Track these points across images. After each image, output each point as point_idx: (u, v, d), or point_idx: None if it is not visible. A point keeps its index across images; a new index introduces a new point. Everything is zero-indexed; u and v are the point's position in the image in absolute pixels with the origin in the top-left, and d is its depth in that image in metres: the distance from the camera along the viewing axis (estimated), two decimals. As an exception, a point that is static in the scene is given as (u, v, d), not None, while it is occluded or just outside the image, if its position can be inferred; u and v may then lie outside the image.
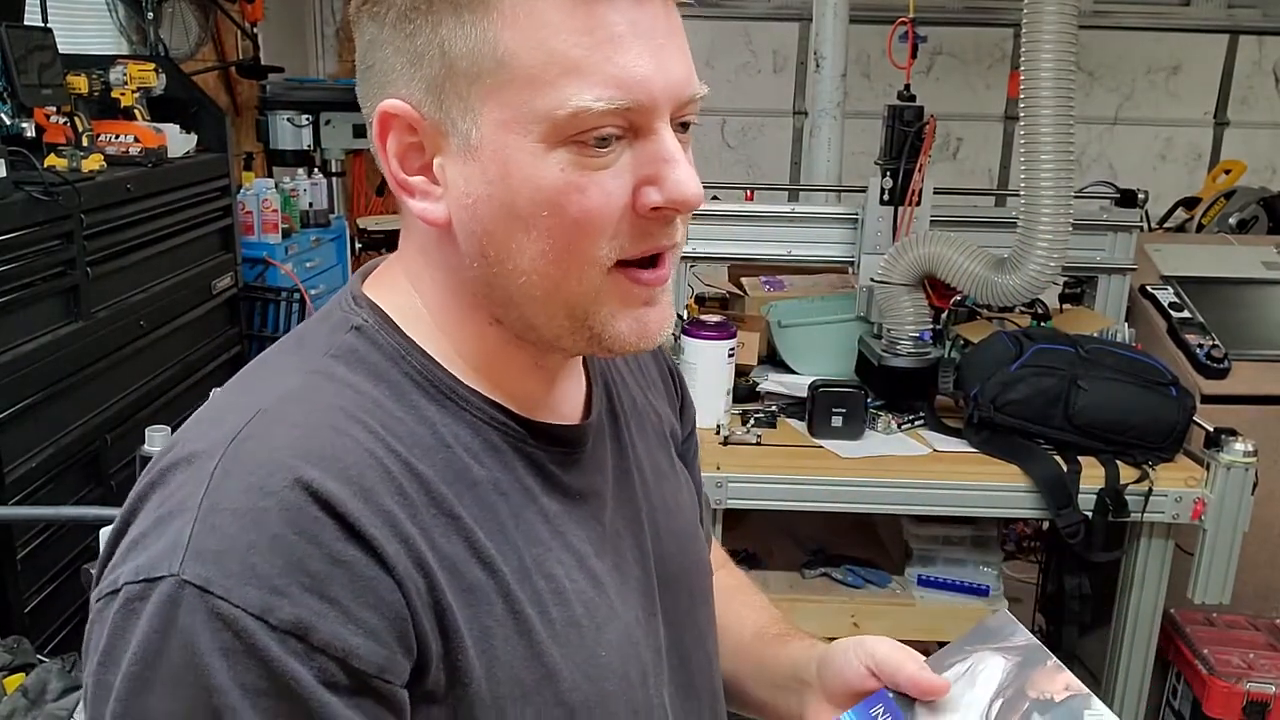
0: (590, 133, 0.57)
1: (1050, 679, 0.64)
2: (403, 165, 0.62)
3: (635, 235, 0.60)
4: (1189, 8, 4.73)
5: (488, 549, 0.60)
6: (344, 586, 0.53)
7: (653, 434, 0.81)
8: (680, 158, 0.60)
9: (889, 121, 2.31)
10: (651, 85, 0.58)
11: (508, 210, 0.59)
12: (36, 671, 1.52)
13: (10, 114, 2.25)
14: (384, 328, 0.64)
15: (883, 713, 0.68)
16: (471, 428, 0.63)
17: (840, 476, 1.98)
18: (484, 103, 0.58)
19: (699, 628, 0.79)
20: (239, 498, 0.53)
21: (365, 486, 0.56)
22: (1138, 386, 2.02)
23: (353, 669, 0.52)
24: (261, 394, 0.60)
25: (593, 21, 0.56)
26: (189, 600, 0.51)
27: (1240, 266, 2.79)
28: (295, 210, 3.63)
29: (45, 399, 2.08)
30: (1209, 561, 1.98)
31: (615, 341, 0.63)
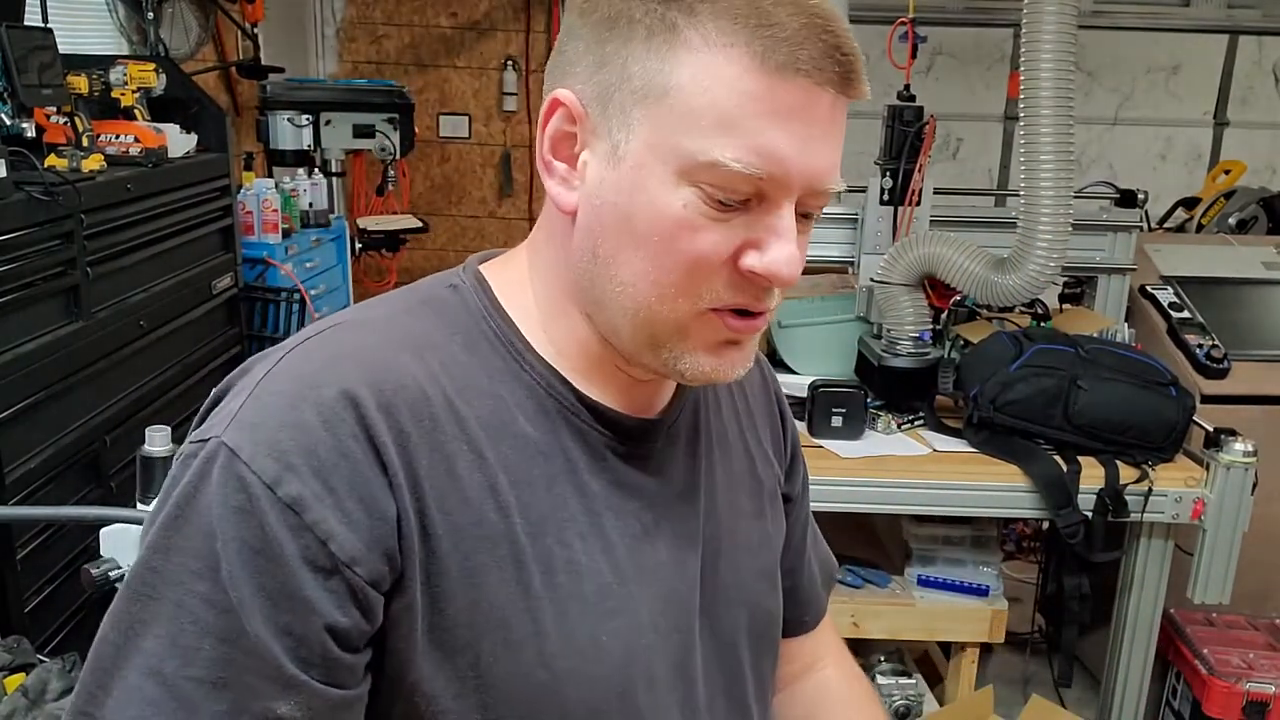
0: (721, 189, 0.61)
1: None
2: (554, 149, 0.66)
3: (732, 288, 0.64)
4: (1189, 8, 4.73)
5: (506, 495, 0.64)
6: (343, 478, 0.59)
7: (737, 467, 0.82)
8: (790, 236, 0.63)
9: (889, 121, 2.31)
10: (790, 165, 0.61)
11: (627, 222, 0.63)
12: (36, 671, 1.52)
13: (10, 114, 2.25)
14: (478, 291, 0.70)
15: None
16: (529, 390, 0.68)
17: (840, 476, 1.99)
18: (642, 122, 0.62)
19: (739, 669, 0.78)
20: (285, 383, 0.61)
21: (393, 403, 0.61)
22: (1138, 387, 2.02)
23: (329, 551, 0.58)
24: (348, 315, 0.68)
25: (765, 92, 0.59)
26: (222, 459, 0.59)
27: (1240, 266, 2.79)
28: (295, 210, 3.63)
29: (45, 399, 2.08)
30: (1209, 561, 1.98)
31: (689, 371, 0.66)
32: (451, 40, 4.95)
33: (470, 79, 4.99)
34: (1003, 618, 2.09)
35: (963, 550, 2.14)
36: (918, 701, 2.09)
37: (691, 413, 0.77)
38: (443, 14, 4.93)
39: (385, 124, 4.05)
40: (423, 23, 4.96)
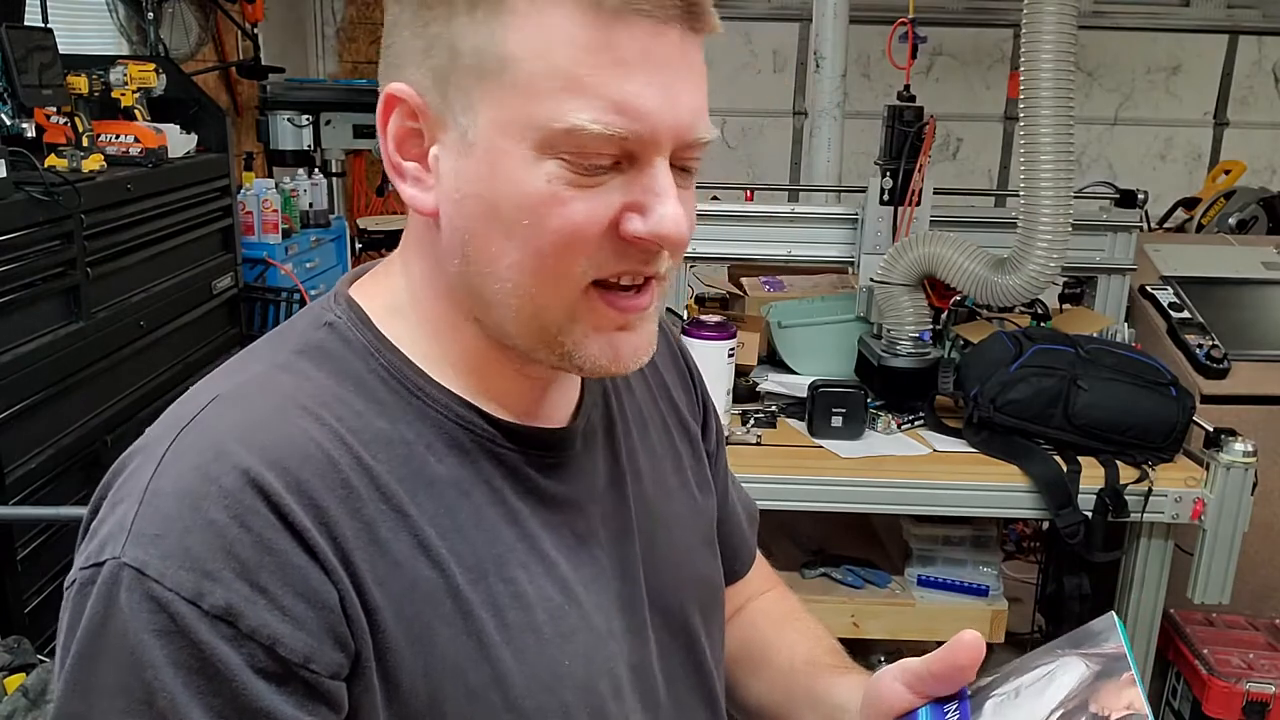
0: (584, 155, 0.56)
1: (1116, 695, 0.62)
2: (400, 149, 0.62)
3: (614, 257, 0.59)
4: (1189, 8, 4.73)
5: (437, 548, 0.60)
6: (273, 575, 0.54)
7: (658, 444, 0.79)
8: (670, 193, 0.58)
9: (889, 121, 2.31)
10: (654, 119, 0.56)
11: (491, 212, 0.58)
12: (37, 671, 1.53)
13: (10, 114, 2.25)
14: (356, 324, 0.64)
15: (954, 710, 0.67)
16: (436, 426, 0.63)
17: (840, 476, 1.99)
18: (483, 101, 0.57)
19: (695, 646, 0.77)
20: (179, 481, 0.55)
21: (301, 479, 0.56)
22: (1137, 386, 2.02)
23: (279, 656, 0.53)
24: (221, 384, 0.61)
25: (604, 41, 0.55)
26: (127, 582, 0.53)
27: (1240, 266, 2.79)
28: (295, 210, 3.63)
29: (45, 399, 2.08)
30: (1209, 561, 1.98)
31: (586, 362, 0.62)
32: (451, 40, 4.95)
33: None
34: (1003, 618, 2.09)
35: (963, 550, 2.14)
36: (918, 701, 2.09)
37: (603, 403, 0.74)
38: (443, 14, 4.94)
39: (385, 124, 4.05)
40: (423, 23, 4.97)
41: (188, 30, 3.73)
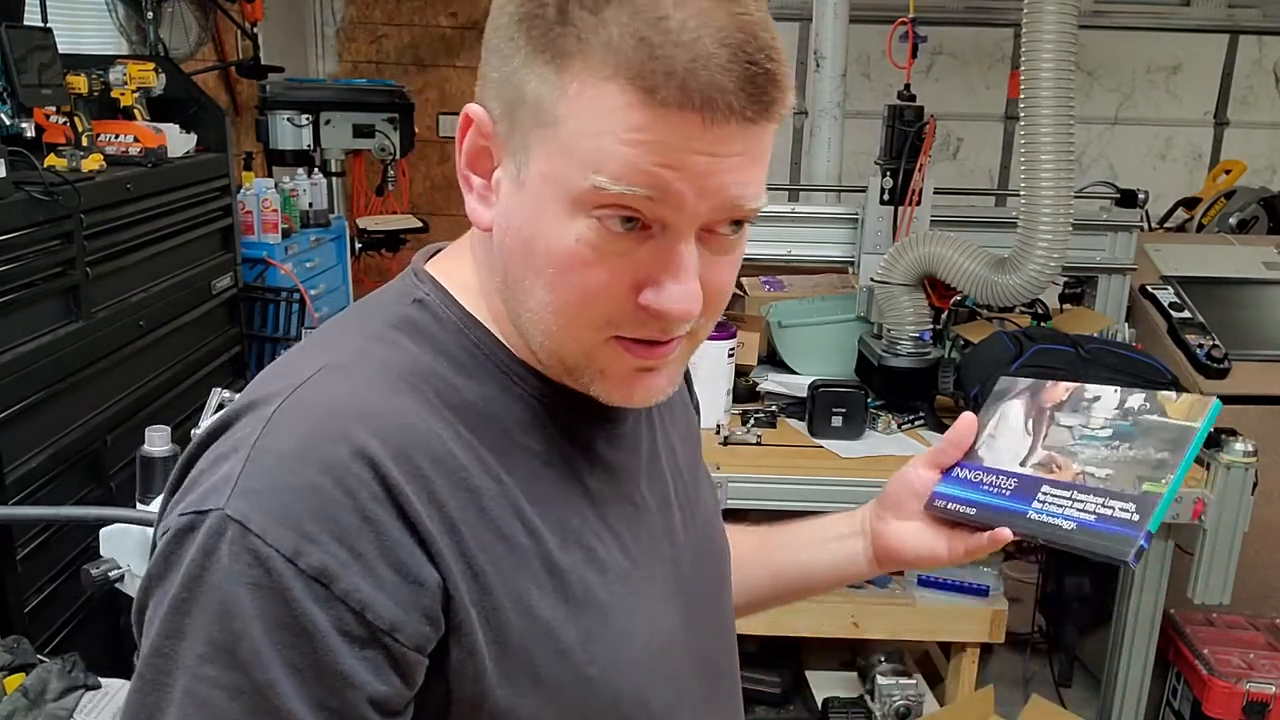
0: (610, 211, 0.57)
1: (1053, 391, 0.84)
2: (471, 164, 0.65)
3: (632, 322, 0.61)
4: (1189, 8, 4.73)
5: (531, 515, 0.63)
6: (370, 543, 0.55)
7: (680, 420, 0.84)
8: (686, 272, 0.59)
9: (889, 121, 2.31)
10: (682, 190, 0.57)
11: (527, 251, 0.61)
12: (36, 671, 1.52)
13: (10, 114, 2.25)
14: (446, 302, 0.67)
15: (962, 470, 0.84)
16: (522, 402, 0.66)
17: (840, 476, 1.99)
18: (536, 147, 0.59)
19: (722, 610, 0.82)
20: (288, 442, 0.57)
21: (409, 451, 0.58)
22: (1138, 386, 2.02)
23: (367, 622, 0.55)
24: (325, 354, 0.63)
25: (647, 125, 0.55)
26: (231, 534, 0.54)
27: (1240, 266, 2.79)
28: (295, 210, 3.63)
29: (45, 399, 2.08)
30: (1209, 562, 1.98)
31: (602, 396, 0.65)
32: (451, 40, 4.96)
33: (470, 79, 4.94)
34: (1003, 618, 2.09)
35: (963, 550, 2.14)
36: (918, 702, 2.09)
37: None
38: (442, 14, 4.93)
39: (385, 124, 4.05)
40: (422, 22, 4.96)
41: (187, 30, 3.73)
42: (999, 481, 0.81)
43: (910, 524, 0.86)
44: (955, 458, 0.85)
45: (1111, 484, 0.76)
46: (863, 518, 0.91)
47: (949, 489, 0.84)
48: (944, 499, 0.84)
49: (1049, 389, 0.84)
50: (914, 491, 0.86)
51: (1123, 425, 0.79)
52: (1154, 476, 0.75)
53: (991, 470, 0.82)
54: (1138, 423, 0.79)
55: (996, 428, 0.85)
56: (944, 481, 0.85)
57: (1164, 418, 0.78)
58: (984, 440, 0.85)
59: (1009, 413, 0.85)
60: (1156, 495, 0.74)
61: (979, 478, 0.82)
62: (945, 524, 0.84)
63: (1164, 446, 0.76)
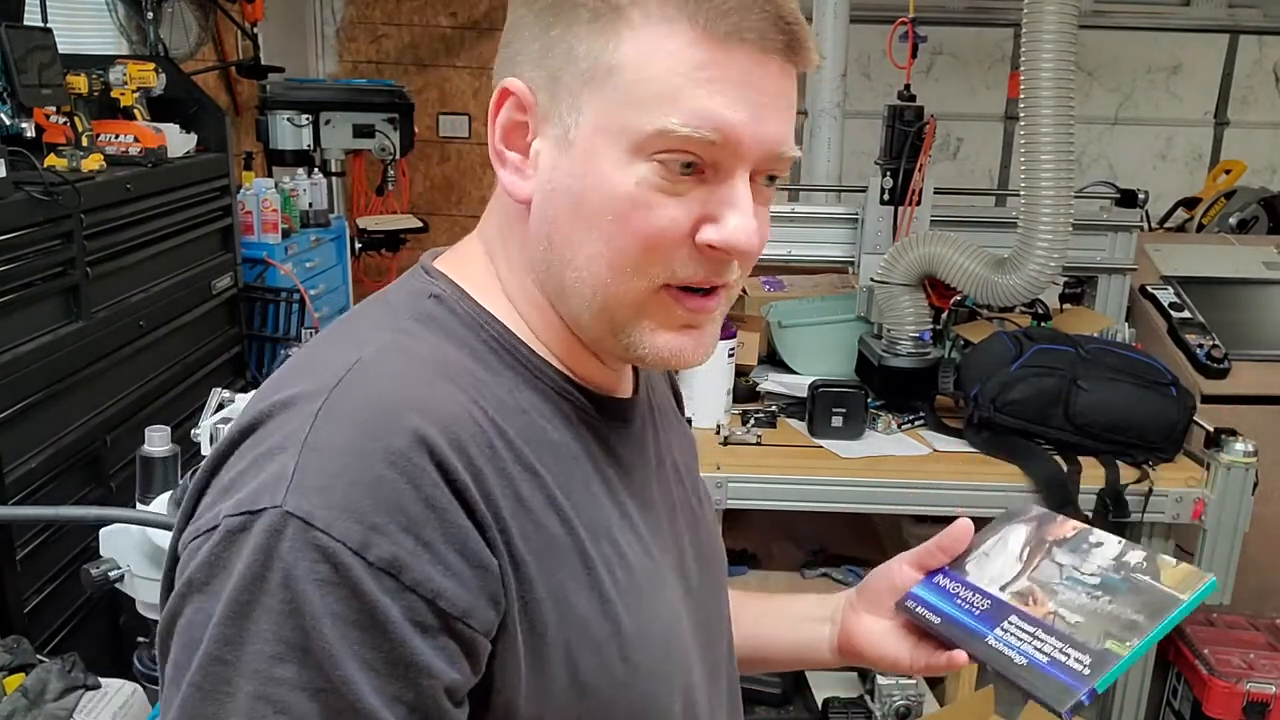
0: (673, 155, 0.60)
1: (1061, 526, 0.85)
2: (505, 139, 0.66)
3: (689, 263, 0.63)
4: (1189, 8, 4.73)
5: (565, 507, 0.63)
6: (437, 530, 0.55)
7: (679, 433, 0.85)
8: (746, 207, 0.62)
9: (889, 121, 2.31)
10: (740, 133, 0.60)
11: (578, 205, 0.62)
12: (36, 671, 1.52)
13: (10, 114, 2.25)
14: (461, 297, 0.68)
15: (945, 579, 0.84)
16: (544, 395, 0.67)
17: (840, 476, 1.98)
18: (589, 103, 0.61)
19: (721, 611, 0.83)
20: (345, 436, 0.56)
21: (460, 440, 0.58)
22: (1138, 386, 2.02)
23: (440, 609, 0.55)
24: (355, 348, 0.62)
25: (707, 61, 0.59)
26: (291, 531, 0.53)
27: (1240, 266, 2.79)
28: (295, 210, 3.63)
29: (45, 399, 2.08)
30: (1209, 561, 1.98)
31: (649, 355, 0.66)
32: (451, 40, 4.96)
33: (470, 79, 4.99)
34: (1003, 618, 2.08)
35: (963, 550, 2.14)
36: (918, 701, 2.09)
37: (646, 389, 0.79)
38: (443, 14, 4.93)
39: (385, 124, 4.05)
40: (423, 22, 4.96)
41: (187, 30, 3.73)
42: (973, 599, 0.81)
43: (882, 623, 0.87)
44: (942, 562, 0.85)
45: (1077, 632, 0.75)
46: (836, 604, 0.91)
47: (924, 593, 0.84)
48: (915, 601, 0.84)
49: (1057, 524, 0.85)
50: (893, 587, 0.86)
51: (1112, 578, 0.79)
52: (1120, 636, 0.74)
53: (971, 586, 0.82)
54: (1128, 579, 0.78)
55: (993, 548, 0.85)
56: (923, 584, 0.85)
57: (1155, 581, 0.77)
58: (976, 556, 0.85)
59: (1010, 537, 0.85)
60: (1116, 656, 0.73)
61: (956, 590, 0.82)
62: (914, 632, 0.84)
63: (1143, 610, 0.75)
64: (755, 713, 2.20)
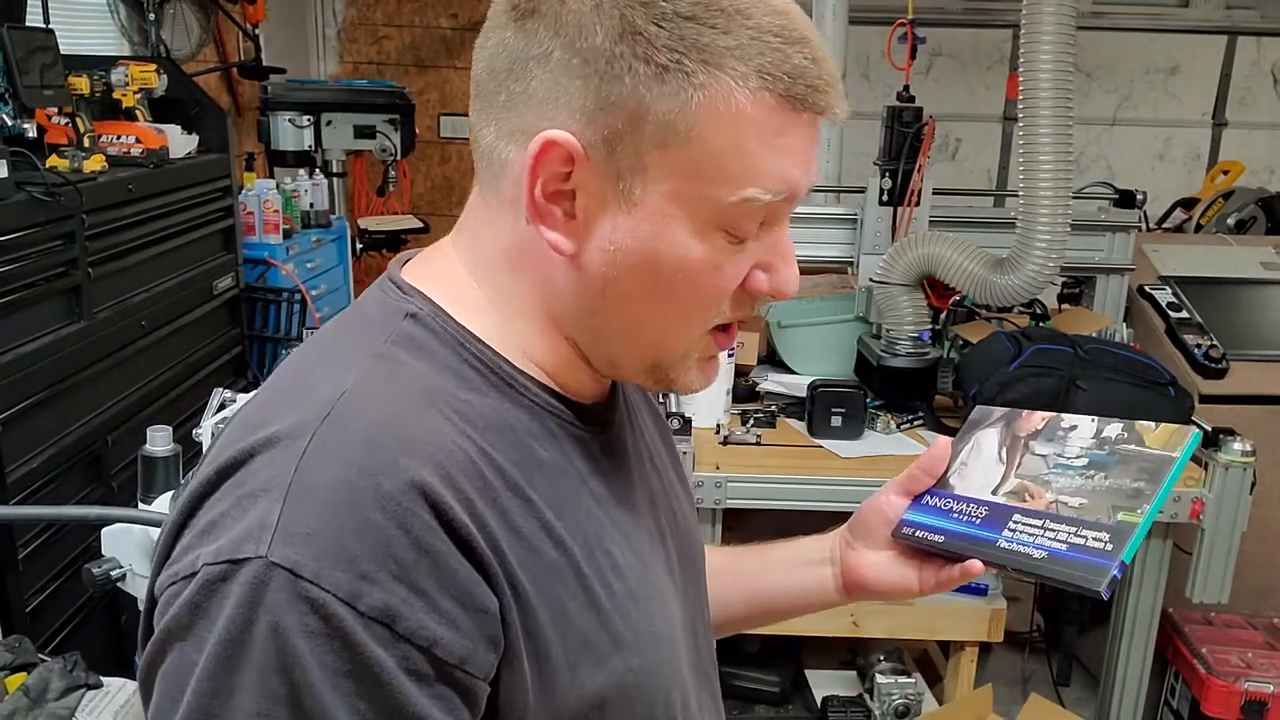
0: (744, 221, 0.62)
1: (1028, 420, 0.83)
2: (544, 190, 0.62)
3: (735, 306, 0.66)
4: (1187, 8, 4.74)
5: (557, 528, 0.63)
6: (430, 576, 0.54)
7: (651, 425, 0.84)
8: (793, 256, 0.66)
9: (888, 122, 2.31)
10: (799, 190, 0.63)
11: (649, 267, 0.62)
12: (38, 671, 1.53)
13: (12, 115, 2.25)
14: (439, 315, 0.65)
15: (933, 498, 0.83)
16: (529, 412, 0.65)
17: (840, 476, 1.99)
18: (659, 166, 0.60)
19: (701, 600, 0.83)
20: (332, 479, 0.54)
21: (452, 474, 0.57)
22: (1136, 386, 2.02)
23: (436, 659, 0.53)
24: (338, 376, 0.60)
25: (784, 129, 0.60)
26: (278, 583, 0.51)
27: (1238, 267, 2.80)
28: (296, 211, 3.63)
29: (47, 399, 2.09)
30: (1207, 561, 1.99)
31: (684, 387, 0.69)
32: (452, 41, 4.96)
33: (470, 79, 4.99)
34: (1002, 617, 2.09)
35: (962, 550, 2.14)
36: (917, 701, 2.09)
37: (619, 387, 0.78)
38: (443, 15, 4.94)
39: (386, 124, 4.06)
40: (423, 23, 4.97)
41: (189, 31, 3.73)
42: (969, 510, 0.79)
43: (881, 554, 0.86)
44: (926, 484, 0.84)
45: (1085, 513, 0.74)
46: (832, 544, 0.91)
47: (917, 516, 0.82)
48: (912, 526, 0.82)
49: (1024, 418, 0.83)
50: (884, 518, 0.85)
51: (1099, 454, 0.78)
52: (1129, 506, 0.74)
53: (962, 499, 0.80)
54: (1115, 452, 0.77)
55: (969, 456, 0.83)
56: (913, 508, 0.83)
57: (1141, 447, 0.77)
58: (956, 468, 0.83)
59: (983, 441, 0.84)
60: (1132, 525, 0.72)
61: (949, 505, 0.81)
62: (916, 554, 0.83)
63: (1140, 476, 0.75)
64: (755, 711, 2.21)
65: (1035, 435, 0.81)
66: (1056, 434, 0.81)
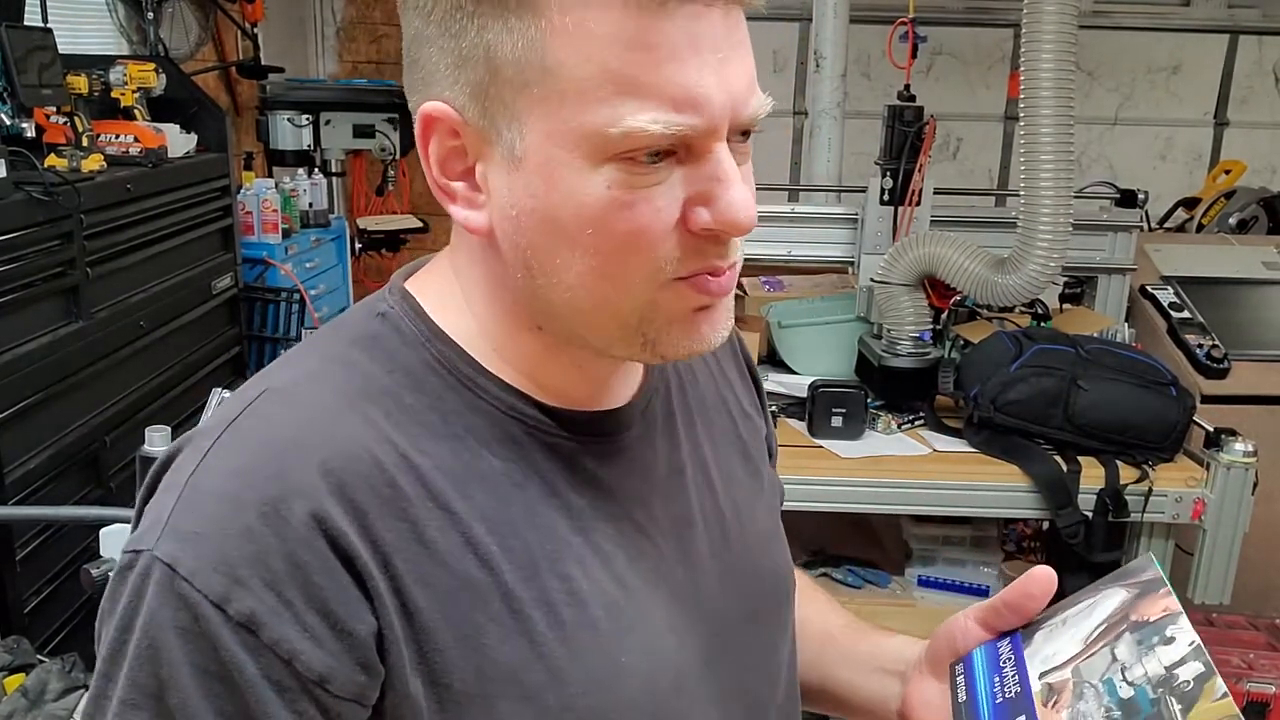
0: (642, 150, 0.54)
1: (1153, 603, 0.67)
2: (444, 170, 0.59)
3: (687, 254, 0.57)
4: (1189, 8, 4.73)
5: (486, 545, 0.58)
6: (298, 590, 0.53)
7: (724, 434, 0.77)
8: (735, 178, 0.56)
9: (889, 121, 2.31)
10: (711, 106, 0.54)
11: (552, 225, 0.56)
12: (36, 672, 1.52)
13: (10, 114, 2.25)
14: (409, 315, 0.63)
15: (1008, 646, 0.71)
16: (488, 417, 0.62)
17: (840, 476, 1.98)
18: (530, 112, 0.55)
19: (770, 636, 0.76)
20: (220, 481, 0.55)
21: (346, 483, 0.55)
22: (1138, 386, 2.02)
23: (296, 672, 0.53)
24: (274, 377, 0.61)
25: (648, 36, 0.53)
26: (157, 576, 0.53)
27: (1240, 266, 2.79)
28: (295, 210, 3.63)
29: (45, 399, 2.08)
30: (1209, 561, 1.98)
31: (669, 349, 0.60)
32: (451, 40, 4.96)
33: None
34: (1003, 618, 2.09)
35: (963, 550, 2.14)
36: (918, 702, 2.09)
37: (665, 392, 0.72)
38: (443, 14, 4.94)
39: (385, 124, 4.05)
40: (423, 23, 4.96)
41: (187, 30, 3.73)
42: (1008, 683, 0.68)
43: (938, 690, 0.75)
44: (1010, 622, 0.72)
45: None
46: (914, 657, 0.80)
47: (979, 659, 0.71)
48: (964, 667, 0.72)
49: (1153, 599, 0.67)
50: (952, 647, 0.74)
51: (1144, 697, 0.64)
52: None
53: (1020, 663, 0.69)
54: (1159, 702, 0.62)
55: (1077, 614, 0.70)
56: (985, 648, 0.72)
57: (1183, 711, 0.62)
58: (1055, 621, 0.70)
59: (1100, 605, 0.70)
60: None
61: (1005, 665, 0.70)
62: None
63: None
64: None
65: (1139, 627, 0.66)
66: (1151, 639, 0.65)
